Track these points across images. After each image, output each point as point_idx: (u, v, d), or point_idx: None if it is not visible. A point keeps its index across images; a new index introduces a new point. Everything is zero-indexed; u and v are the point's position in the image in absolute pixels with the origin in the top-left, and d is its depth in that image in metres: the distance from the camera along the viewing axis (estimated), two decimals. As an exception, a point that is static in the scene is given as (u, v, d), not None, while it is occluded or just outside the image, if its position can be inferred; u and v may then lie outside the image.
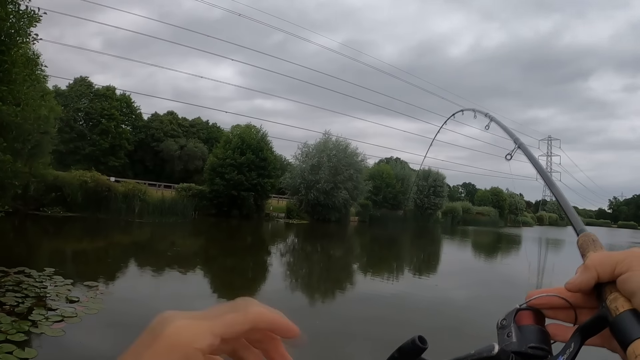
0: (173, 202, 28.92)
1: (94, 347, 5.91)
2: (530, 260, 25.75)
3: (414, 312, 10.06)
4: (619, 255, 0.54)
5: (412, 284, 13.92)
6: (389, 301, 10.96)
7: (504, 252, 29.97)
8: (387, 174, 52.16)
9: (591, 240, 0.65)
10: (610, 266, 0.53)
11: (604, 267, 0.54)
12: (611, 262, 0.54)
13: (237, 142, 35.04)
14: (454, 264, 20.90)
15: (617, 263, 0.53)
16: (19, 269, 8.93)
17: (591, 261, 0.57)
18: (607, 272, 0.54)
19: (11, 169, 8.75)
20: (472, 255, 27.07)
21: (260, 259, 17.78)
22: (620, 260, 0.53)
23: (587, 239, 0.66)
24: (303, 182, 40.86)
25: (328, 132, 44.44)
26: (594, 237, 0.66)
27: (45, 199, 20.44)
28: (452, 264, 20.79)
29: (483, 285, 14.33)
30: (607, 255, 0.56)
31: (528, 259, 26.54)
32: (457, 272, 17.33)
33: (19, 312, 6.37)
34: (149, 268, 12.42)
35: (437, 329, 8.54)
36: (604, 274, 0.54)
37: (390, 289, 12.79)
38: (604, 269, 0.54)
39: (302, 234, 31.90)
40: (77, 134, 48.58)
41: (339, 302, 11.23)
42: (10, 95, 8.26)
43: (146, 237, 20.45)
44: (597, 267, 0.55)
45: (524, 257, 27.79)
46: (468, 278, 15.46)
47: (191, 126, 63.68)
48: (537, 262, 24.86)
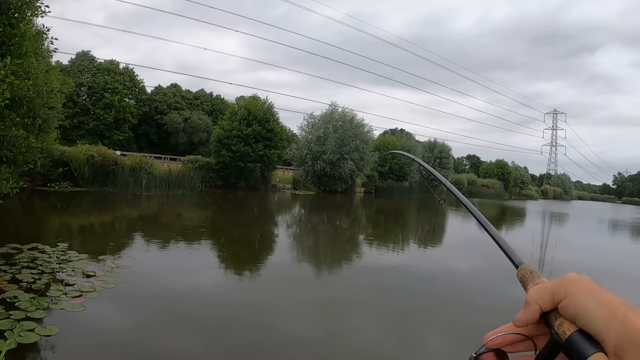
0: (180, 174, 28.93)
1: (116, 322, 5.95)
2: (534, 233, 25.87)
3: (420, 283, 10.17)
4: (554, 285, 0.59)
5: (417, 255, 14.03)
6: (395, 272, 11.05)
7: (509, 225, 30.04)
8: (393, 145, 51.96)
9: (529, 272, 0.70)
10: (548, 297, 0.58)
11: (543, 299, 0.59)
12: (548, 293, 0.59)
13: (243, 114, 34.82)
14: (459, 236, 20.97)
15: (553, 293, 0.58)
16: (32, 245, 8.95)
17: (530, 296, 0.61)
18: (547, 302, 0.58)
19: (24, 144, 8.74)
20: (477, 228, 27.06)
21: (268, 230, 17.95)
22: (555, 289, 0.58)
23: (525, 271, 0.70)
24: (309, 153, 40.84)
25: (334, 103, 44.18)
26: (531, 268, 0.71)
27: (52, 174, 20.50)
28: (457, 236, 20.85)
29: (486, 258, 14.41)
30: (543, 287, 0.60)
31: (532, 232, 26.68)
32: (462, 245, 17.40)
33: (37, 289, 6.40)
34: (161, 240, 12.52)
35: (442, 299, 8.64)
36: (545, 305, 0.59)
37: (396, 259, 12.89)
38: (543, 301, 0.59)
39: (308, 205, 32.04)
40: (81, 109, 48.48)
41: (345, 272, 11.35)
42: (20, 70, 8.19)
43: (155, 210, 20.57)
44: (537, 300, 0.59)
45: (528, 230, 27.93)
46: (472, 250, 15.53)
47: (195, 98, 63.35)
48: (541, 236, 24.95)
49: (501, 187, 73.09)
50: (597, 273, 13.27)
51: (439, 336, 6.93)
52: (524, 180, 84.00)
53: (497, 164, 78.02)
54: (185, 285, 7.99)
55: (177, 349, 5.44)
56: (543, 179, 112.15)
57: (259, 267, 10.82)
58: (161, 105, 58.13)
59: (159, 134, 58.10)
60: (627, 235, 30.17)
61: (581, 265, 14.80)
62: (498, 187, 72.12)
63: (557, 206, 61.92)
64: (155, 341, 5.56)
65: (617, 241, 26.57)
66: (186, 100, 61.69)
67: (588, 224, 36.56)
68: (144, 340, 5.55)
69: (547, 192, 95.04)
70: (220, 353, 5.61)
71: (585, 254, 17.86)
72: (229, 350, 5.64)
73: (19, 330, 4.94)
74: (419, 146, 57.12)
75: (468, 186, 65.95)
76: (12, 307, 5.59)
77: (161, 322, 6.21)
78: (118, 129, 50.93)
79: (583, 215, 47.15)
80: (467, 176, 69.71)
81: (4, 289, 6.17)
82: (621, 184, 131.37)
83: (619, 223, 38.37)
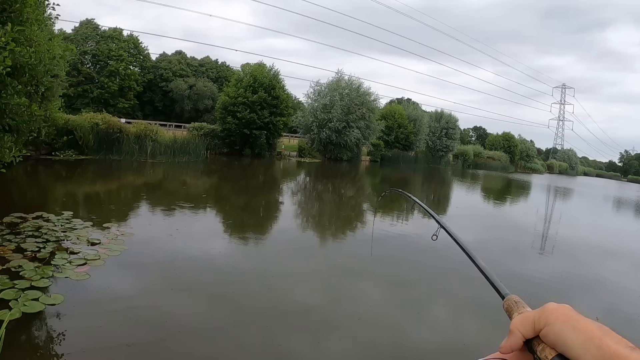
0: (185, 141, 28.89)
1: (121, 290, 5.99)
2: (538, 207, 25.82)
3: (423, 254, 10.20)
4: (534, 315, 0.62)
5: (422, 225, 14.04)
6: (399, 241, 11.08)
7: (514, 198, 29.98)
8: (400, 114, 51.54)
9: (514, 302, 0.74)
10: (529, 325, 0.62)
11: (525, 327, 0.63)
12: (529, 321, 0.62)
13: (249, 81, 34.53)
14: (464, 207, 20.97)
15: (534, 321, 0.62)
16: (37, 214, 8.97)
17: (514, 325, 0.65)
18: (529, 330, 0.62)
19: (27, 113, 8.67)
20: (482, 199, 27.13)
21: (272, 198, 18.03)
22: (536, 318, 0.62)
23: (511, 302, 0.75)
24: (315, 121, 40.64)
25: (340, 71, 43.65)
26: (516, 299, 0.75)
27: (57, 143, 20.49)
28: (462, 207, 20.86)
29: (490, 229, 14.41)
30: (525, 316, 0.64)
31: (536, 206, 26.62)
32: (467, 215, 17.41)
33: (41, 258, 6.44)
34: (165, 208, 12.56)
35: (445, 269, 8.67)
36: (527, 332, 0.63)
37: (400, 229, 12.91)
38: (525, 329, 0.63)
39: (314, 173, 32.06)
40: (85, 77, 48.13)
41: (350, 240, 11.40)
42: (22, 37, 8.05)
43: (160, 177, 20.62)
44: (520, 329, 0.64)
45: (533, 204, 27.86)
46: (476, 222, 15.53)
47: (200, 65, 62.69)
48: (545, 210, 24.89)
49: (507, 160, 72.73)
50: (600, 251, 13.29)
51: (441, 305, 6.99)
52: (530, 154, 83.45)
53: (504, 136, 77.39)
54: (191, 253, 8.05)
55: (183, 314, 5.50)
56: (549, 153, 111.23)
57: (264, 235, 10.88)
58: (166, 73, 57.63)
59: (163, 101, 57.78)
60: (632, 213, 30.05)
61: (583, 242, 14.80)
62: (504, 159, 71.77)
63: (563, 181, 61.60)
64: (161, 308, 5.61)
65: (621, 218, 26.51)
66: (191, 68, 61.07)
67: (593, 200, 36.40)
68: (149, 307, 5.61)
69: (552, 167, 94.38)
70: (227, 318, 5.67)
71: (588, 230, 17.82)
72: (236, 316, 5.70)
73: (24, 300, 4.98)
74: (426, 116, 56.58)
75: (474, 158, 65.61)
76: (17, 277, 5.62)
77: (166, 288, 6.26)
78: (123, 96, 50.59)
79: (588, 191, 46.93)
80: (473, 148, 69.31)
81: (8, 258, 6.22)
82: (627, 162, 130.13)
83: (624, 201, 38.19)
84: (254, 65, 37.24)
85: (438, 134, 57.20)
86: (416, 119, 53.23)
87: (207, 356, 4.62)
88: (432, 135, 56.86)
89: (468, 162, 63.93)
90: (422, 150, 56.53)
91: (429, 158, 57.06)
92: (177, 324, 5.23)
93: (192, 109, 56.20)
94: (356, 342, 5.30)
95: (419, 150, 55.61)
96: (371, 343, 5.32)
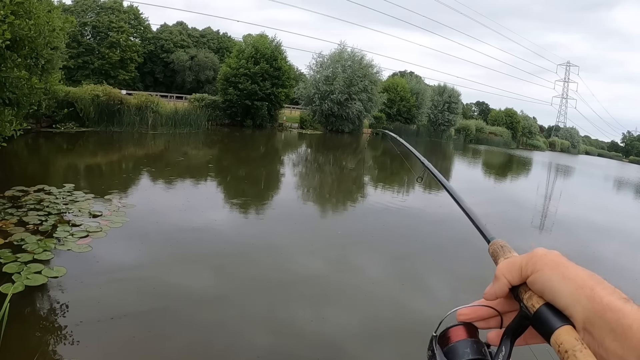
0: (186, 113, 28.73)
1: (122, 261, 6.07)
2: (539, 184, 25.83)
3: (426, 226, 10.29)
4: (522, 260, 0.58)
5: (423, 198, 14.12)
6: (400, 214, 11.18)
7: (514, 174, 29.98)
8: (402, 87, 51.07)
9: (500, 246, 0.70)
10: (516, 271, 0.58)
11: (511, 273, 0.59)
12: (516, 267, 0.58)
13: (250, 52, 34.13)
14: (464, 180, 21.03)
15: (521, 267, 0.57)
16: (39, 186, 9.01)
17: (499, 270, 0.61)
18: (515, 277, 0.58)
19: (27, 86, 8.62)
20: (483, 174, 27.17)
21: (274, 169, 18.07)
22: (523, 264, 0.57)
23: (497, 246, 0.70)
24: (317, 93, 40.37)
25: (343, 43, 43.11)
26: (502, 243, 0.70)
27: (57, 115, 20.37)
28: (462, 180, 20.92)
29: (489, 204, 14.47)
30: (511, 262, 0.60)
31: (537, 183, 26.64)
32: (467, 189, 17.44)
33: (43, 231, 6.51)
34: (166, 179, 12.60)
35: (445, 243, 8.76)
36: (513, 279, 0.58)
37: (401, 202, 13.00)
38: (511, 275, 0.58)
39: (315, 144, 32.02)
40: (85, 49, 47.57)
41: (350, 212, 11.49)
42: (21, 9, 7.95)
43: (161, 149, 20.60)
44: (505, 275, 0.59)
45: (534, 180, 27.87)
46: (476, 196, 15.57)
47: (201, 36, 61.91)
48: (545, 187, 24.93)
49: (509, 136, 72.25)
50: (599, 229, 13.37)
51: (439, 278, 7.10)
52: (532, 131, 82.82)
53: (506, 112, 76.61)
54: (193, 224, 8.12)
55: (186, 285, 5.60)
56: (551, 130, 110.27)
57: (265, 206, 10.94)
58: (167, 44, 56.94)
59: (164, 72, 57.24)
60: (631, 193, 30.05)
61: (583, 220, 14.87)
62: (506, 135, 71.29)
63: (564, 159, 61.45)
64: (163, 278, 5.71)
65: (620, 197, 26.56)
66: (192, 39, 60.33)
67: (593, 179, 36.34)
68: (151, 278, 5.71)
69: (554, 144, 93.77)
70: (230, 288, 5.78)
71: (588, 209, 17.87)
72: (240, 287, 5.82)
73: (27, 273, 5.07)
74: (428, 89, 56.06)
75: (476, 133, 65.23)
76: (19, 250, 5.70)
77: (168, 259, 6.35)
78: (123, 68, 50.07)
79: (589, 170, 46.81)
80: (475, 123, 68.76)
81: (10, 232, 6.28)
82: (629, 143, 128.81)
83: (624, 181, 38.10)
84: (256, 36, 36.75)
85: (440, 108, 56.76)
86: (419, 93, 52.75)
87: (212, 325, 4.73)
88: (435, 109, 56.45)
89: (470, 137, 63.61)
90: (424, 124, 56.22)
91: (431, 132, 56.78)
92: (180, 293, 5.32)
93: (193, 80, 55.73)
94: (356, 312, 5.41)
95: (420, 124, 55.29)
96: (372, 314, 5.43)
